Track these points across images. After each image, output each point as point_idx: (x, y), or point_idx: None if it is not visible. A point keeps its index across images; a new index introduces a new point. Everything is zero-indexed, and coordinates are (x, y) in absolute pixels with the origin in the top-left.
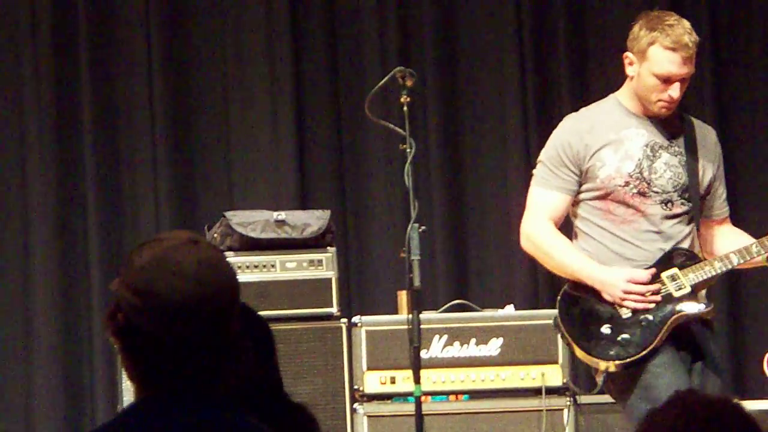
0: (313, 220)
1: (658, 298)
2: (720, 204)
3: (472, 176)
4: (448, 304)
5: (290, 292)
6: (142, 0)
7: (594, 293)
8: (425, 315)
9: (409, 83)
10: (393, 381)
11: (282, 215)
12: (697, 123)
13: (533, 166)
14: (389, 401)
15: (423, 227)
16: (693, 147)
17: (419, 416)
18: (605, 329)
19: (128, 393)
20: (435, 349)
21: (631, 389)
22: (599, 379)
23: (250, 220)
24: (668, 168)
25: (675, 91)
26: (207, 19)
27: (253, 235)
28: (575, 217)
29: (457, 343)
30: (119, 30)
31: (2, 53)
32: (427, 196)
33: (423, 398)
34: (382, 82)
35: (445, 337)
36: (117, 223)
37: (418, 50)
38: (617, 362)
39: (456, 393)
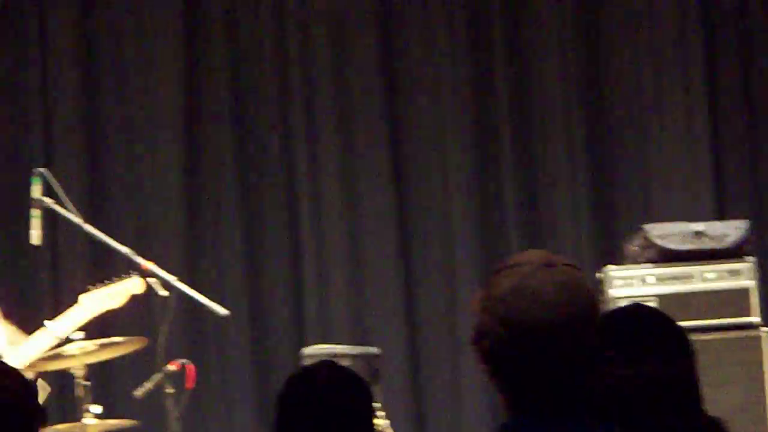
0: (731, 230)
1: None
2: None
3: None
4: None
5: (709, 302)
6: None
7: None
8: None
9: None
10: None
11: (700, 226)
12: None
13: None
14: None
15: None
16: None
17: None
18: None
19: None
20: None
21: None
22: None
23: (668, 232)
24: None
25: None
26: (620, 36)
27: (671, 246)
28: None
29: None
30: (536, 61)
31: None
32: None
33: None
34: None
35: None
36: (538, 238)
37: None
38: None
39: None
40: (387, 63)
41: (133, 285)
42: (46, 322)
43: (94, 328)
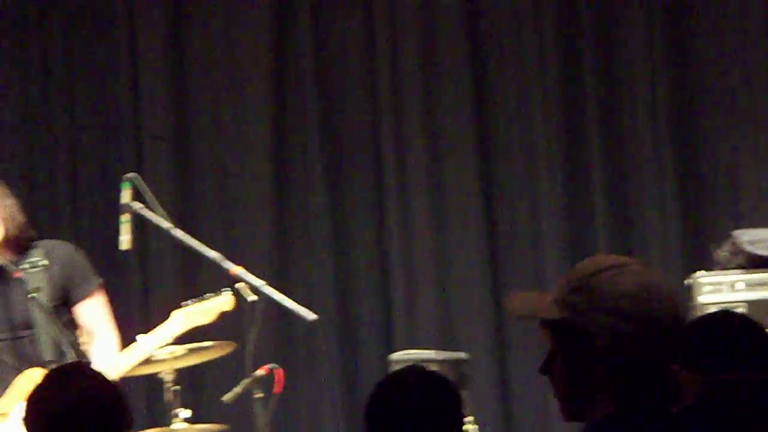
0: None
1: None
2: None
3: None
4: None
5: None
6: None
7: None
8: None
9: None
10: None
11: None
12: None
13: None
14: None
15: None
16: None
17: None
18: None
19: None
20: None
21: None
22: None
23: (758, 238)
24: None
25: None
26: (710, 42)
27: (761, 252)
28: None
29: None
30: (625, 67)
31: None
32: None
33: None
34: None
35: None
36: (627, 243)
37: None
38: None
39: None
40: (475, 70)
41: (224, 302)
42: (138, 336)
43: (183, 333)
